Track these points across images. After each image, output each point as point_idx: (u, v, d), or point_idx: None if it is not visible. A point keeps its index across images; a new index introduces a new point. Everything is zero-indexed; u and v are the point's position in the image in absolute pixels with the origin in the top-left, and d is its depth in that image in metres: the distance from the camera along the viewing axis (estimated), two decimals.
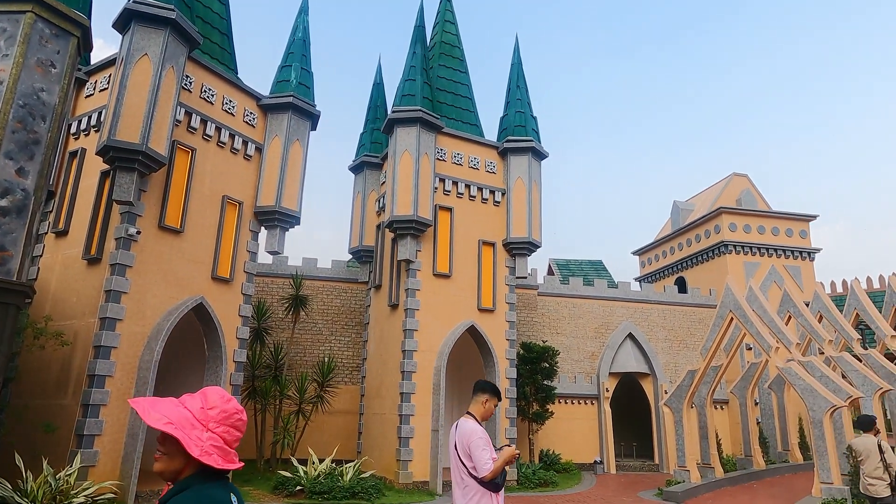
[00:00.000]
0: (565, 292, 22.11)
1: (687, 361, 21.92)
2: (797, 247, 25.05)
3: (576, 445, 19.86)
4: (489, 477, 4.17)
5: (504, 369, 16.08)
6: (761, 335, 14.32)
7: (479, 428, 4.34)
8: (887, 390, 14.56)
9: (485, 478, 4.17)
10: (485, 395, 4.51)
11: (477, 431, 4.29)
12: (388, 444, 15.02)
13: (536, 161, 17.69)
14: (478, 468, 4.18)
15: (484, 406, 4.48)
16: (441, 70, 18.18)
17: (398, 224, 15.21)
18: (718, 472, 15.97)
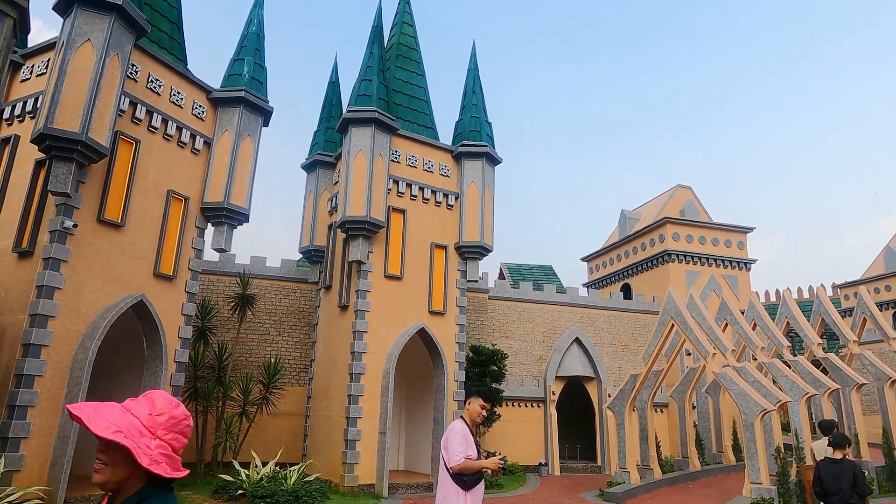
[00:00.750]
0: (515, 296, 22.42)
1: (630, 366, 22.58)
2: (735, 257, 26.20)
3: (522, 448, 20.14)
4: (456, 469, 4.43)
5: (453, 372, 16.16)
6: (700, 342, 14.90)
7: (461, 426, 4.67)
8: (812, 395, 15.42)
9: (452, 468, 4.44)
10: (469, 398, 4.84)
11: (456, 428, 4.65)
12: (334, 447, 14.85)
13: (490, 166, 17.88)
14: (448, 459, 4.48)
15: (469, 407, 4.79)
16: (398, 72, 18.15)
17: (350, 224, 15.08)
18: (657, 474, 16.51)
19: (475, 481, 4.47)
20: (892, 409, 17.42)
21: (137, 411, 1.81)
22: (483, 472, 4.57)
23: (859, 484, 6.82)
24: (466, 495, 4.43)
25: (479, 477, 4.48)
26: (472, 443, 4.61)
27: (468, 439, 4.58)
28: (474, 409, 4.73)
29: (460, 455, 4.44)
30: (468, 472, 4.45)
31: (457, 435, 4.56)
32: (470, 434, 4.67)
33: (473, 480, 4.46)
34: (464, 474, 4.46)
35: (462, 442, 4.52)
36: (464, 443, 4.52)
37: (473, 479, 4.46)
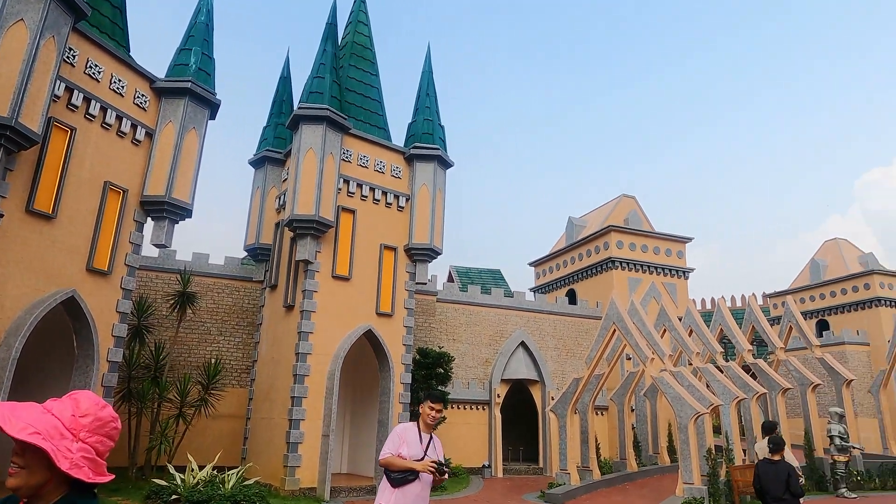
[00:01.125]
0: (463, 299, 22.56)
1: (573, 369, 23.10)
2: (674, 266, 27.24)
3: (466, 450, 20.26)
4: (381, 463, 4.68)
5: (399, 374, 16.11)
6: (639, 347, 15.41)
7: (406, 427, 4.85)
8: (742, 399, 16.20)
9: (379, 461, 4.74)
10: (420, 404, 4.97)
11: (398, 428, 4.84)
12: (275, 450, 14.53)
13: (442, 169, 17.96)
14: None
15: (421, 412, 4.90)
16: (351, 70, 17.99)
17: (298, 223, 14.82)
18: (596, 475, 16.94)
19: (402, 480, 4.56)
20: (813, 412, 18.51)
21: (59, 412, 1.71)
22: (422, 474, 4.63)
23: (792, 484, 7.31)
24: (394, 492, 4.57)
25: (407, 477, 4.56)
26: (412, 443, 4.69)
27: (406, 439, 4.69)
28: (424, 412, 4.84)
29: (387, 451, 4.65)
30: (393, 469, 4.60)
31: (394, 433, 4.78)
32: (415, 435, 4.76)
33: (399, 479, 4.56)
34: (390, 470, 4.62)
35: (396, 440, 4.69)
36: (398, 441, 4.68)
37: (399, 478, 4.56)
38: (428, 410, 4.81)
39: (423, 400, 4.88)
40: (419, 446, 4.70)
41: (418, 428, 4.83)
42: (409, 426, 4.83)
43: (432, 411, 4.81)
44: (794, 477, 7.46)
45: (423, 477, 4.64)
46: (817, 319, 33.53)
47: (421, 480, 4.63)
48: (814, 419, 18.42)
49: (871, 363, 29.69)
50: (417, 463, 4.55)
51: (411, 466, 4.55)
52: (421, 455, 4.65)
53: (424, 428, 4.83)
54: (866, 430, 26.61)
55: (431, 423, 4.85)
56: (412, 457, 4.61)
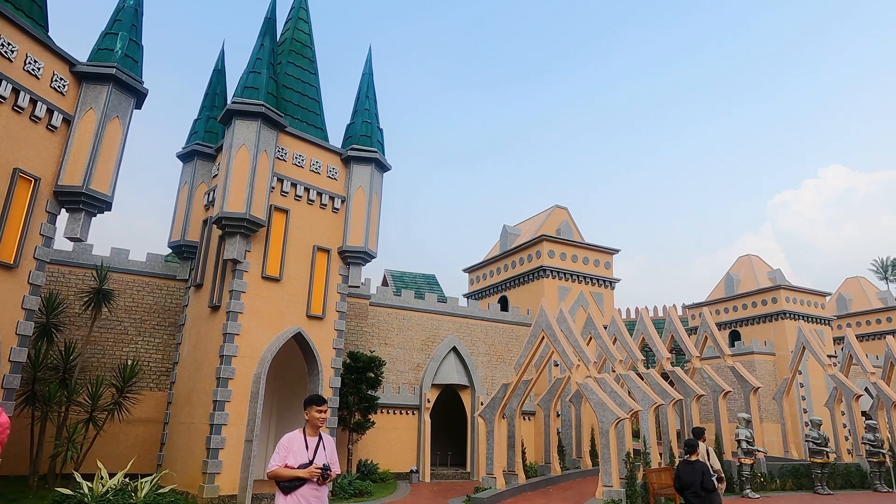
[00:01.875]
0: (397, 304, 22.49)
1: (503, 375, 23.47)
2: (602, 276, 28.24)
3: (395, 455, 20.17)
4: (268, 476, 4.85)
5: (328, 378, 15.85)
6: (566, 353, 15.86)
7: (292, 436, 4.98)
8: (660, 405, 16.98)
9: (266, 475, 4.94)
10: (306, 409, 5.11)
11: (283, 440, 4.97)
12: (194, 456, 13.94)
13: (379, 172, 17.87)
14: None
15: (307, 417, 5.06)
16: (290, 68, 17.64)
17: (228, 221, 14.34)
18: (521, 479, 17.26)
19: (291, 487, 4.79)
20: (723, 417, 19.64)
21: None
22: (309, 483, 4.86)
23: (705, 480, 8.65)
24: (286, 499, 4.78)
25: (295, 483, 4.81)
26: (299, 452, 4.92)
27: (291, 449, 4.92)
28: (312, 416, 5.03)
29: (274, 464, 4.84)
30: (281, 479, 4.79)
31: (280, 445, 4.93)
32: (301, 443, 4.98)
33: (289, 486, 4.79)
34: (279, 480, 4.81)
35: (282, 452, 4.88)
36: (283, 452, 4.88)
37: (289, 486, 4.79)
38: (315, 414, 5.02)
39: (307, 405, 5.07)
40: (306, 453, 4.92)
41: (304, 434, 5.03)
42: (294, 435, 5.02)
43: (319, 414, 5.04)
44: (706, 474, 8.72)
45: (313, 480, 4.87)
46: (730, 330, 35.63)
47: (311, 483, 4.85)
48: (724, 424, 19.55)
49: (777, 372, 31.86)
50: (302, 471, 4.78)
51: (297, 475, 4.78)
52: (308, 460, 4.88)
53: (312, 432, 5.04)
54: (770, 434, 28.51)
55: (321, 425, 5.06)
56: (300, 464, 4.83)
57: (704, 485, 8.61)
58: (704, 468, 8.74)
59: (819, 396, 30.59)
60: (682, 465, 9.09)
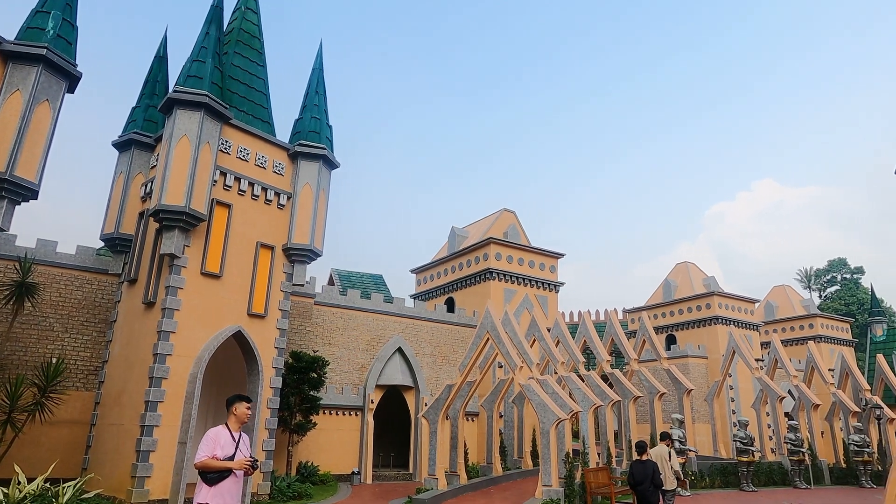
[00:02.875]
0: (342, 303, 22.19)
1: (448, 376, 23.54)
2: (547, 279, 28.76)
3: (337, 456, 19.88)
4: (197, 466, 5.03)
5: (269, 378, 15.46)
6: (510, 355, 16.05)
7: (218, 431, 5.24)
8: (599, 406, 17.43)
9: (195, 465, 5.06)
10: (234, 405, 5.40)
11: (210, 433, 5.19)
12: (123, 459, 13.30)
13: (327, 169, 17.59)
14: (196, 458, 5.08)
15: (235, 413, 5.37)
16: (236, 58, 17.13)
17: (166, 214, 13.77)
18: (463, 480, 17.34)
19: (218, 479, 5.02)
20: (658, 418, 20.36)
21: None
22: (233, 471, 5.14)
23: (655, 477, 9.61)
24: (210, 490, 5.01)
25: (223, 475, 5.04)
26: (226, 444, 5.18)
27: (219, 442, 5.16)
28: (241, 411, 5.34)
29: (203, 455, 5.05)
30: (210, 470, 5.02)
31: (207, 438, 5.15)
32: (227, 436, 5.25)
33: (216, 478, 5.02)
34: (206, 472, 5.03)
35: (210, 444, 5.11)
36: (212, 444, 5.10)
37: (216, 477, 5.02)
38: (244, 410, 5.36)
39: (237, 401, 5.35)
40: (232, 445, 5.22)
41: (229, 429, 5.33)
42: (220, 430, 5.28)
43: (248, 410, 5.41)
44: (656, 472, 9.71)
45: (237, 472, 5.15)
46: (667, 334, 36.99)
47: (235, 475, 5.14)
48: (659, 424, 20.25)
49: (709, 374, 33.29)
50: (233, 462, 5.07)
51: (228, 466, 5.05)
52: (233, 453, 5.17)
53: (235, 427, 5.34)
54: (701, 434, 29.76)
55: (247, 421, 5.44)
56: (226, 457, 5.12)
57: (654, 481, 9.48)
58: (655, 466, 9.66)
59: (747, 398, 32.16)
60: (635, 464, 9.88)
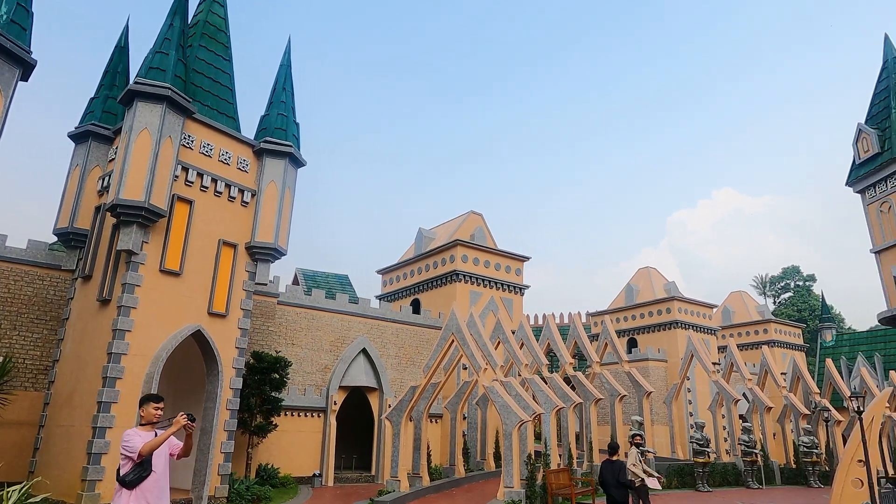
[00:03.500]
0: (307, 303, 21.90)
1: (412, 378, 23.46)
2: (513, 282, 28.98)
3: (298, 459, 19.59)
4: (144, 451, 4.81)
5: (229, 379, 15.15)
6: (475, 357, 16.11)
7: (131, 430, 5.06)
8: (561, 408, 17.65)
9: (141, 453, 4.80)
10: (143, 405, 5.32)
11: (129, 432, 5.00)
12: (73, 462, 12.83)
13: (293, 168, 17.36)
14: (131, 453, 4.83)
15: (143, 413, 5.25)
16: (201, 51, 16.76)
17: (124, 209, 13.37)
18: (425, 481, 17.31)
19: (138, 479, 4.81)
20: (619, 420, 20.72)
21: None
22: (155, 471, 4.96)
23: (621, 477, 10.40)
24: (131, 494, 4.79)
25: (142, 475, 4.84)
26: (146, 437, 5.02)
27: (139, 435, 5.01)
28: (149, 412, 5.19)
29: (137, 444, 4.84)
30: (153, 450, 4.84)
31: (128, 435, 4.95)
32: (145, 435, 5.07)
33: (136, 478, 4.80)
34: (127, 475, 4.81)
35: (135, 437, 4.92)
36: (136, 438, 4.92)
37: (136, 478, 4.80)
38: (152, 411, 5.20)
39: (146, 402, 5.26)
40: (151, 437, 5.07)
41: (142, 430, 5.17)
42: (136, 430, 5.12)
43: (157, 410, 5.24)
44: (622, 472, 10.46)
45: (157, 470, 4.94)
46: (629, 337, 37.72)
47: (155, 473, 4.93)
48: (619, 426, 20.62)
49: (668, 377, 34.07)
50: (173, 426, 4.86)
51: (169, 434, 4.86)
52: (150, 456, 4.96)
53: (148, 429, 5.17)
54: (660, 435, 30.40)
55: (157, 421, 5.23)
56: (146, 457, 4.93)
57: (620, 480, 10.34)
58: (621, 466, 10.56)
59: (704, 401, 33.03)
60: (605, 464, 10.71)
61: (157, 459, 5.01)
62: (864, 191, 14.53)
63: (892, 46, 15.07)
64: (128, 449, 4.85)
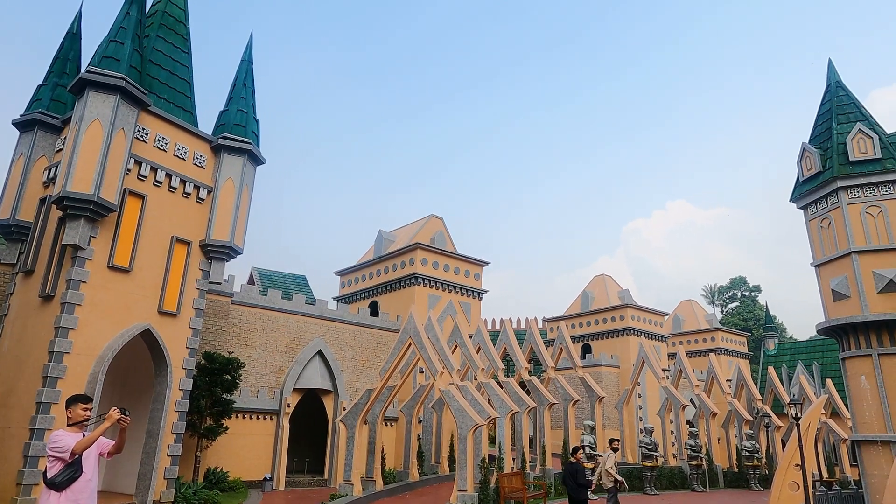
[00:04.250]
0: (262, 304, 21.51)
1: (368, 381, 23.31)
2: (471, 287, 29.16)
3: (249, 462, 19.19)
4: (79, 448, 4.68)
5: (179, 379, 14.73)
6: (432, 361, 16.14)
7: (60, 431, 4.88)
8: (516, 412, 17.84)
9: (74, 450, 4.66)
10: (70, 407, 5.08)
11: (59, 432, 4.83)
12: (9, 465, 12.23)
13: (252, 165, 17.05)
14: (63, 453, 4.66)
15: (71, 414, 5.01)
16: (159, 42, 16.30)
17: (71, 202, 12.85)
18: (379, 485, 17.21)
19: (69, 480, 4.67)
20: (571, 424, 21.08)
21: None
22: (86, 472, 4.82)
23: (578, 477, 11.29)
24: (60, 497, 4.64)
25: (73, 476, 4.70)
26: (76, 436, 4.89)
27: (69, 434, 4.86)
28: (76, 413, 5.01)
29: (69, 442, 4.69)
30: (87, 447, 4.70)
31: (58, 435, 4.79)
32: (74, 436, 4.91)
33: (67, 479, 4.66)
34: (56, 477, 4.65)
35: (65, 437, 4.77)
36: (67, 437, 4.77)
37: (66, 479, 4.66)
38: (80, 412, 5.04)
39: (73, 403, 5.07)
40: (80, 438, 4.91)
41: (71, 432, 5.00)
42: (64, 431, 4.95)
43: (86, 411, 5.09)
44: (579, 473, 11.35)
45: (86, 471, 4.78)
46: (583, 343, 38.44)
47: (86, 474, 4.78)
48: (572, 430, 20.98)
49: (620, 383, 34.87)
50: (106, 421, 4.69)
51: (103, 428, 4.69)
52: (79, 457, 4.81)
53: (76, 430, 4.99)
54: None
55: (85, 422, 5.08)
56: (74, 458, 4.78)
57: (578, 480, 11.25)
58: (579, 468, 11.49)
59: (653, 406, 33.94)
60: (568, 465, 11.77)
61: (87, 460, 4.82)
62: (806, 207, 15.23)
63: (835, 71, 15.90)
64: (58, 449, 4.67)
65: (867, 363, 13.14)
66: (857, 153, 14.17)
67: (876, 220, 13.72)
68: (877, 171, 13.88)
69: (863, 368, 13.21)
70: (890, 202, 13.71)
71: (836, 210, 14.26)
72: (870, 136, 14.15)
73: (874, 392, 12.88)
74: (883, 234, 13.57)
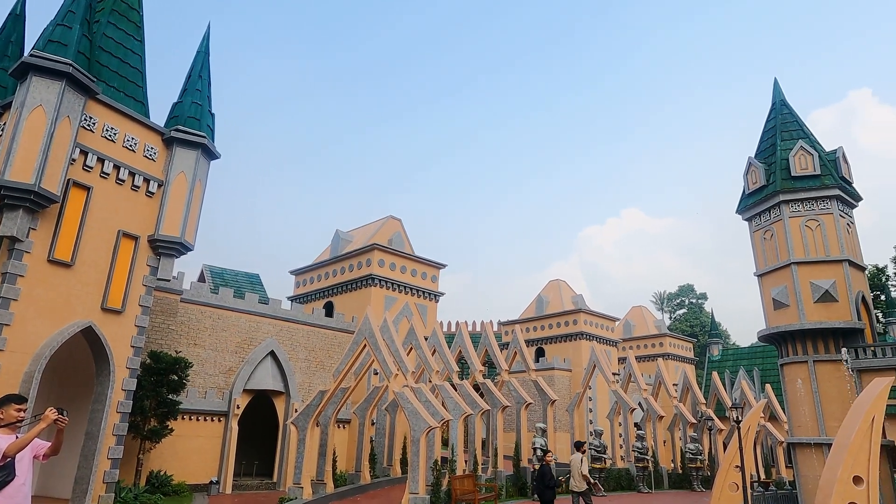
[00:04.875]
0: (212, 302, 20.93)
1: (322, 382, 22.98)
2: (428, 289, 29.17)
3: (194, 465, 18.62)
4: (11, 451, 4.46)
5: (122, 379, 14.18)
6: (386, 362, 16.04)
7: None
8: (469, 414, 17.91)
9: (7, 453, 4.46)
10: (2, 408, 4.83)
11: None
12: None
13: (206, 159, 16.61)
14: None
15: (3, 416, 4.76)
16: (110, 29, 15.70)
17: (9, 192, 12.23)
18: (329, 488, 16.98)
19: (2, 484, 4.48)
20: (524, 427, 21.31)
21: None
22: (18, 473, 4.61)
23: (546, 478, 12.20)
24: None
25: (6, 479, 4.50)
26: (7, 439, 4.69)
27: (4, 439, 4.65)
28: (9, 414, 4.80)
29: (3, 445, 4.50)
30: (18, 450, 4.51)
31: None
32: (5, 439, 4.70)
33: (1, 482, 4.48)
34: None
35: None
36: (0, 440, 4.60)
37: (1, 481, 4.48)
38: (13, 412, 4.81)
39: (5, 403, 4.84)
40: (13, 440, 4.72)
41: None
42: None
43: (19, 412, 4.86)
44: (546, 474, 12.20)
45: (19, 474, 4.58)
46: (537, 347, 38.96)
47: (19, 478, 4.58)
48: (524, 433, 21.20)
49: (571, 386, 35.49)
50: (42, 422, 4.51)
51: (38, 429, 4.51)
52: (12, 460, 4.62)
53: (9, 431, 4.78)
54: (561, 442, 31.60)
55: (17, 423, 4.85)
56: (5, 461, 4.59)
57: (546, 481, 12.12)
58: (547, 469, 12.34)
59: (603, 409, 34.68)
60: (541, 468, 12.57)
61: (20, 463, 4.59)
62: (751, 219, 15.86)
63: (780, 90, 16.68)
64: None
65: (803, 369, 13.78)
66: (798, 169, 14.87)
67: (814, 234, 14.42)
68: (816, 187, 14.60)
69: (799, 374, 13.85)
70: (827, 216, 14.45)
71: (778, 223, 14.93)
72: (811, 153, 14.88)
73: (809, 397, 13.53)
74: (821, 246, 14.28)
